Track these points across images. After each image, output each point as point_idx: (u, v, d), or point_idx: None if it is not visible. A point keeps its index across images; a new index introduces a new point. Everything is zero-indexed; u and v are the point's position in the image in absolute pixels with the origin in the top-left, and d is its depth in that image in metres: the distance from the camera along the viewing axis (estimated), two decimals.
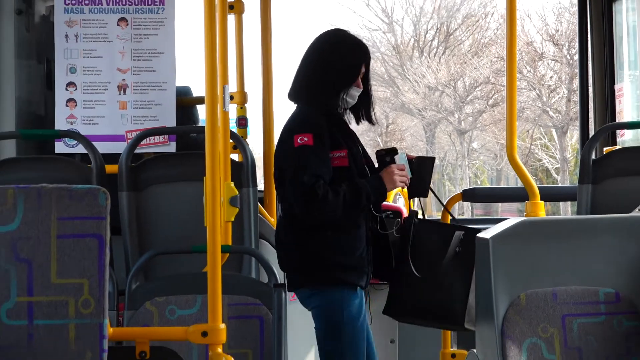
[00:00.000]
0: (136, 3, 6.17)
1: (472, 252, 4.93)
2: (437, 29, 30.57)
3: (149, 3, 6.18)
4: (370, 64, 5.47)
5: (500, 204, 19.15)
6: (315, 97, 5.28)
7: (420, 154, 4.99)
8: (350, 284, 5.18)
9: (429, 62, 30.12)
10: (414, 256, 5.30)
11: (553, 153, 30.57)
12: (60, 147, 5.96)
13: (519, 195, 6.16)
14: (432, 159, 5.35)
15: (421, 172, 5.21)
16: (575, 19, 7.53)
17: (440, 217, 6.06)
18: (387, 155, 5.29)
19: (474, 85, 30.87)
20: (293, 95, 5.47)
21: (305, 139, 5.13)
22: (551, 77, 30.56)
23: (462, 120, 30.60)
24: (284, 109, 5.03)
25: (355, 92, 5.30)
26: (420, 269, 5.26)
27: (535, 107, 29.51)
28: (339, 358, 5.32)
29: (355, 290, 5.21)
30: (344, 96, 5.25)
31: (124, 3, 6.16)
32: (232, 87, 6.23)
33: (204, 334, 3.92)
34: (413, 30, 30.33)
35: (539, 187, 5.46)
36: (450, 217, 5.73)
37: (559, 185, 25.02)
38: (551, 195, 6.31)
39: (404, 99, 33.74)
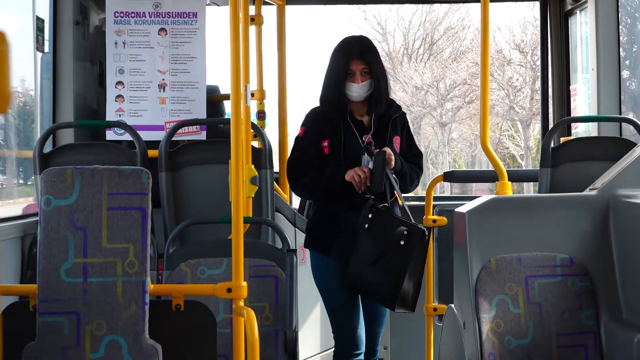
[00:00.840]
0: (174, 16, 6.17)
1: (413, 246, 4.87)
2: (423, 39, 30.47)
3: (185, 16, 6.18)
4: (374, 63, 5.15)
5: (474, 184, 18.97)
6: (322, 97, 5.22)
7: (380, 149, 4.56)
8: (318, 250, 5.15)
9: (416, 67, 30.03)
10: (368, 240, 5.01)
11: (518, 142, 30.52)
12: (110, 135, 5.97)
13: (490, 176, 6.15)
14: (381, 153, 4.92)
15: (375, 168, 4.92)
16: (537, 31, 7.51)
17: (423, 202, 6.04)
18: (365, 151, 5.06)
19: (453, 86, 30.78)
20: None
21: (300, 130, 5.20)
22: (517, 79, 30.49)
23: (443, 114, 30.51)
24: (296, 105, 5.02)
25: (353, 87, 5.07)
26: (370, 252, 4.99)
27: (503, 104, 29.42)
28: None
29: (323, 255, 5.13)
30: (346, 91, 5.10)
31: (163, 16, 6.15)
32: (253, 86, 6.23)
33: (229, 290, 3.93)
34: (403, 40, 30.23)
35: (506, 170, 5.47)
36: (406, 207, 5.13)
37: (524, 168, 24.85)
38: (517, 177, 6.31)
39: (395, 97, 33.49)
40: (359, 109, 5.26)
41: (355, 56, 5.10)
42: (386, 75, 5.32)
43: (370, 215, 4.99)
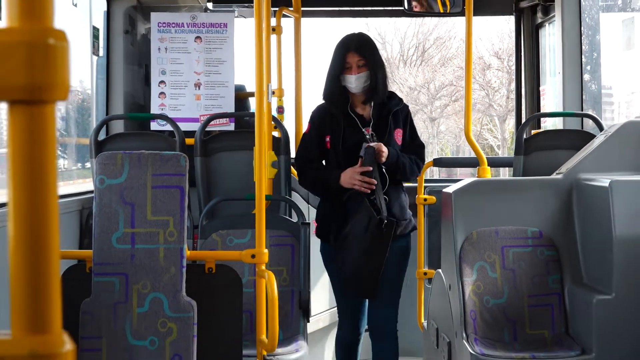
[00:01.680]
0: (207, 26, 6.16)
1: (371, 233, 4.48)
2: (416, 47, 30.33)
3: (217, 26, 6.16)
4: (370, 56, 4.74)
5: (459, 169, 18.95)
6: (324, 91, 4.87)
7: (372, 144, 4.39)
8: (323, 239, 4.86)
9: (410, 70, 29.94)
10: (351, 229, 4.59)
11: (496, 135, 30.51)
12: (154, 126, 5.97)
13: (472, 162, 6.13)
14: (370, 148, 4.56)
15: (366, 163, 4.53)
16: (512, 40, 7.50)
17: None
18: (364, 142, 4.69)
19: (441, 87, 30.68)
20: None
21: (307, 127, 4.96)
22: (495, 81, 30.49)
23: (433, 111, 30.43)
24: (310, 101, 4.99)
25: (349, 79, 4.66)
26: (349, 240, 4.58)
27: (484, 102, 29.36)
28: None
29: (325, 242, 4.83)
30: (345, 84, 4.72)
31: (199, 26, 6.14)
32: (274, 85, 6.21)
33: (253, 256, 3.92)
34: (399, 48, 30.09)
35: (486, 158, 5.45)
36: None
37: (500, 156, 24.79)
38: (494, 163, 6.31)
39: None
40: (360, 102, 4.84)
41: (352, 49, 4.72)
42: (384, 67, 4.91)
43: (355, 201, 4.64)
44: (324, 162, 4.87)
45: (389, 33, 30.46)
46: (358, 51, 4.71)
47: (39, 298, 0.83)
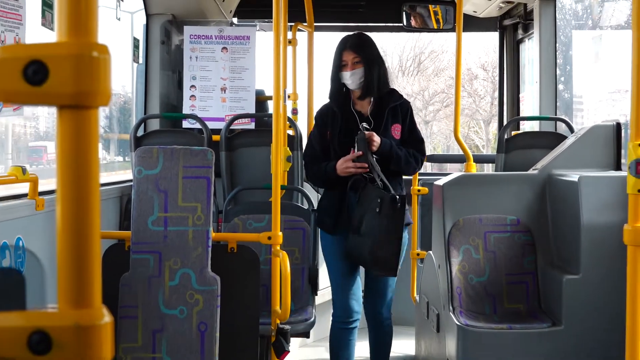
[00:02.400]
0: (232, 38, 6.15)
1: (386, 213, 4.19)
2: (413, 59, 30.27)
3: (240, 39, 6.16)
4: (365, 53, 4.46)
5: (448, 164, 18.93)
6: (329, 92, 4.60)
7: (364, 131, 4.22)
8: (324, 229, 4.57)
9: (407, 80, 29.88)
10: (357, 211, 4.34)
11: (481, 136, 30.46)
12: (185, 124, 5.96)
13: (460, 159, 6.12)
14: (361, 134, 4.28)
15: (360, 149, 4.25)
16: (497, 54, 7.50)
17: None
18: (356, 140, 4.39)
19: (434, 94, 30.58)
20: None
21: (313, 126, 4.72)
22: (481, 89, 30.44)
23: (427, 115, 30.35)
24: (321, 104, 4.95)
25: (345, 76, 4.42)
26: (355, 221, 4.32)
27: (471, 107, 29.26)
28: None
29: (328, 233, 4.54)
30: (343, 81, 4.47)
31: (225, 38, 6.14)
32: (289, 89, 6.21)
33: (269, 238, 3.92)
34: (398, 60, 30.02)
35: (472, 155, 5.44)
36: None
37: (484, 154, 24.77)
38: (479, 159, 6.30)
39: None
40: (361, 100, 4.54)
41: (347, 47, 4.46)
42: (380, 64, 4.56)
43: (358, 190, 4.37)
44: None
45: (389, 47, 30.41)
46: (353, 49, 4.45)
47: (82, 276, 0.83)
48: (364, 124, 4.40)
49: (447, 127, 30.36)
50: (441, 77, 30.87)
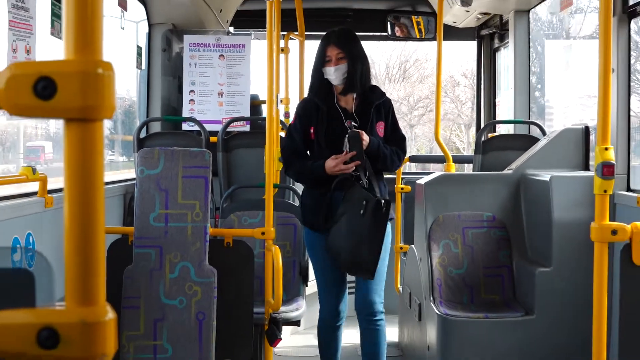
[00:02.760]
0: (229, 47, 6.16)
1: (370, 215, 3.90)
2: (399, 67, 30.27)
3: (236, 47, 6.16)
4: (349, 48, 4.10)
5: (431, 164, 18.97)
6: (310, 85, 4.24)
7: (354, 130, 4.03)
8: (308, 226, 4.21)
9: (393, 86, 29.86)
10: (341, 209, 4.01)
11: (462, 139, 30.54)
12: (185, 126, 5.96)
13: (440, 159, 6.13)
14: (354, 132, 3.96)
15: (353, 147, 3.94)
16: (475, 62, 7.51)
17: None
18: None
19: (418, 100, 30.59)
20: None
21: (293, 118, 4.31)
22: (463, 96, 30.48)
23: (412, 119, 30.36)
24: None
25: (329, 71, 4.07)
26: (343, 227, 3.97)
27: (453, 112, 29.31)
28: None
29: (311, 230, 4.19)
30: (326, 76, 4.09)
31: (222, 47, 6.14)
32: (282, 94, 6.22)
33: (263, 233, 3.92)
34: (385, 67, 30.02)
35: (451, 156, 5.45)
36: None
37: (463, 154, 24.81)
38: (458, 160, 6.30)
39: None
40: (344, 96, 4.16)
41: (331, 42, 4.11)
42: (364, 60, 4.20)
43: (344, 189, 4.04)
44: (308, 152, 4.23)
45: (376, 55, 30.42)
46: (337, 44, 4.11)
47: (87, 276, 0.84)
48: (352, 122, 4.10)
49: (430, 130, 30.39)
50: (425, 83, 30.93)
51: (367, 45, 4.39)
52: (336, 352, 4.36)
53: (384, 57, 29.93)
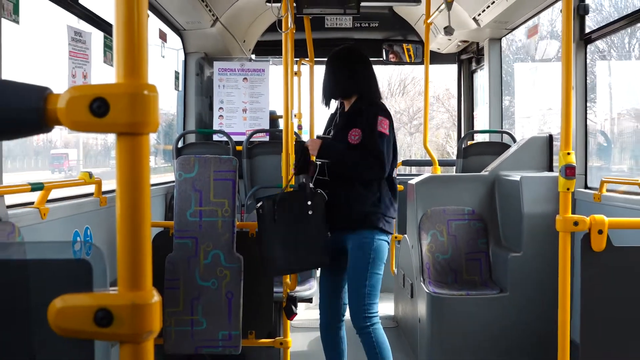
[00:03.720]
0: (251, 71, 6.15)
1: (319, 208, 3.43)
2: (399, 83, 30.10)
3: (257, 71, 6.16)
4: (332, 64, 3.67)
5: (420, 167, 19.00)
6: None
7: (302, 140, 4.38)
8: None
9: (395, 99, 29.72)
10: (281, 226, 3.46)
11: (451, 145, 30.51)
12: (215, 137, 5.97)
13: (429, 163, 6.11)
14: (299, 143, 3.67)
15: (296, 155, 3.62)
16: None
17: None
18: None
19: (417, 111, 30.22)
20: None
21: None
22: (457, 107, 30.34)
23: (411, 127, 30.25)
24: (320, 122, 4.93)
25: None
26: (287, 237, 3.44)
27: (449, 122, 29.05)
28: None
29: None
30: None
31: (245, 71, 6.14)
32: (296, 110, 6.20)
33: None
34: (387, 84, 29.82)
35: (437, 160, 5.42)
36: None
37: (447, 159, 24.90)
38: (443, 163, 6.28)
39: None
40: (344, 103, 3.65)
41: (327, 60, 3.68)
42: (341, 72, 3.58)
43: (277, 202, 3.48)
44: None
45: (380, 74, 30.28)
46: (327, 62, 3.69)
47: (136, 265, 0.83)
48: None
49: (421, 137, 30.13)
50: (422, 97, 30.64)
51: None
52: (341, 353, 3.69)
53: (385, 75, 29.75)
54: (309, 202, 3.45)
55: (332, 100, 3.72)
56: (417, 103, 30.74)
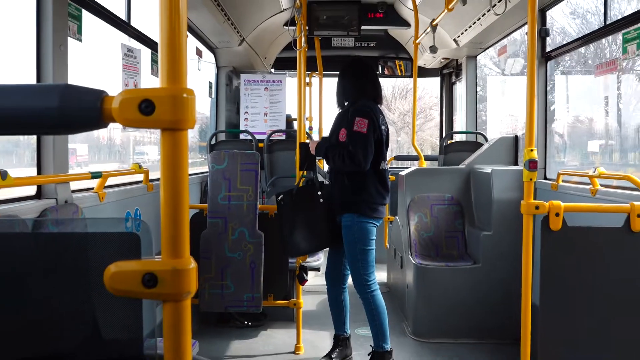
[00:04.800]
0: (271, 82, 6.12)
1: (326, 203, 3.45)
2: (402, 89, 29.62)
3: (276, 82, 6.13)
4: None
5: (409, 161, 18.85)
6: None
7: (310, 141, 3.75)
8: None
9: (400, 102, 29.20)
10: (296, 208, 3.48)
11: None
12: (241, 136, 5.96)
13: (416, 158, 6.09)
14: (302, 144, 3.68)
15: (300, 154, 3.65)
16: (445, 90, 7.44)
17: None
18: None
19: (420, 112, 29.52)
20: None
21: None
22: None
23: (408, 130, 29.92)
24: (327, 124, 4.93)
25: None
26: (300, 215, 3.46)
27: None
28: None
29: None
30: None
31: (266, 82, 6.11)
32: (307, 114, 6.19)
33: None
34: (391, 90, 29.16)
35: (423, 155, 5.40)
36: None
37: (431, 155, 24.73)
38: (427, 158, 6.27)
39: (388, 115, 32.78)
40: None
41: None
42: (341, 82, 3.49)
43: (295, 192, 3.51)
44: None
45: (385, 82, 29.68)
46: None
47: (177, 238, 0.82)
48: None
49: (427, 134, 29.01)
50: (422, 100, 29.98)
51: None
52: (344, 311, 3.63)
53: (389, 83, 29.31)
54: (319, 192, 3.47)
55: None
56: (422, 103, 30.09)
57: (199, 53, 5.61)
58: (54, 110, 0.77)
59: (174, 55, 0.81)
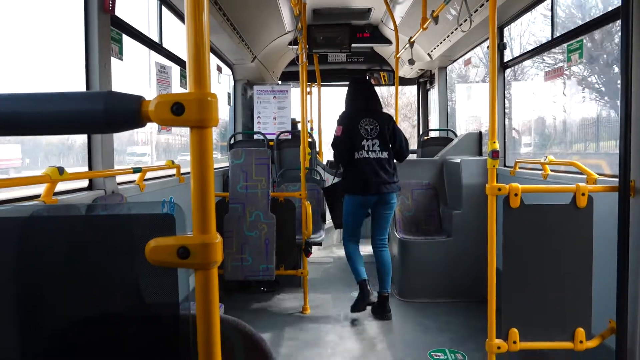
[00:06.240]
0: (278, 92, 6.11)
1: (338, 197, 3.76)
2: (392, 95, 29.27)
3: (282, 92, 6.12)
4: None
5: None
6: None
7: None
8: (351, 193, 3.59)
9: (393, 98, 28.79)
10: (333, 199, 3.86)
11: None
12: (256, 136, 5.94)
13: None
14: (324, 190, 3.97)
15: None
16: (422, 96, 7.46)
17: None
18: None
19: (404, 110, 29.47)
20: (380, 108, 3.67)
21: None
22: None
23: (413, 121, 29.32)
24: (328, 127, 4.91)
25: None
26: (335, 204, 3.83)
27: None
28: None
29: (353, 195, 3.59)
30: None
31: (275, 92, 6.10)
32: (308, 117, 6.16)
33: (300, 194, 3.89)
34: (386, 91, 28.98)
35: None
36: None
37: (412, 148, 24.54)
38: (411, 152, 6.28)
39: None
40: None
41: None
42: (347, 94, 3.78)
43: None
44: None
45: (379, 88, 29.09)
46: None
47: (205, 219, 0.81)
48: None
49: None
50: (411, 109, 29.58)
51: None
52: (359, 259, 3.70)
53: (384, 88, 28.89)
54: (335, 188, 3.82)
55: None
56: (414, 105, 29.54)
57: (218, 69, 5.58)
58: (100, 113, 0.76)
59: (199, 65, 0.80)
